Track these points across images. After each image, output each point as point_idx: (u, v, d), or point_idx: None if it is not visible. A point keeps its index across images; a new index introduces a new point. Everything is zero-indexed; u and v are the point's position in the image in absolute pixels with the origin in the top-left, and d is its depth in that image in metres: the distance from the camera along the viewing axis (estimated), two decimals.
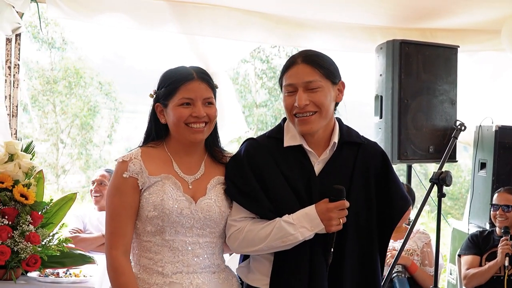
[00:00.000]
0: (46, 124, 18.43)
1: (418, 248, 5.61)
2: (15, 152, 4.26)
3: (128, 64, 24.15)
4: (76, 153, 19.04)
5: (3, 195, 4.12)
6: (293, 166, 3.19)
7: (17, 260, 4.01)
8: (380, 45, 6.02)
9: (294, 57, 3.16)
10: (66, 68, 18.68)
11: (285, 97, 3.17)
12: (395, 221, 3.32)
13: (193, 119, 3.15)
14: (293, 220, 3.07)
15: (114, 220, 3.17)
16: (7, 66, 5.73)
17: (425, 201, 4.56)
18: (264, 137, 3.33)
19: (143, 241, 3.21)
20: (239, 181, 3.20)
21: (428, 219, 15.27)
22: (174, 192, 3.15)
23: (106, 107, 19.48)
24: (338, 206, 3.04)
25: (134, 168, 3.15)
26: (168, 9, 5.88)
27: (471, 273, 5.66)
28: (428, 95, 5.91)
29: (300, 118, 3.14)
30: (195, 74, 3.19)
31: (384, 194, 3.27)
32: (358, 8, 6.07)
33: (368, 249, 3.25)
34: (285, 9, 6.17)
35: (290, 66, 3.15)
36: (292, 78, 3.13)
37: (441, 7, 6.07)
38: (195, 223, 3.17)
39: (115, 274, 3.14)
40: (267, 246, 3.12)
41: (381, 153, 3.35)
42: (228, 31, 6.12)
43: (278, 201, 3.14)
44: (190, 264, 3.17)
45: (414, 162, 6.11)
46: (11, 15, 5.44)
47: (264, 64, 19.44)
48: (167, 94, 3.18)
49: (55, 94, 18.54)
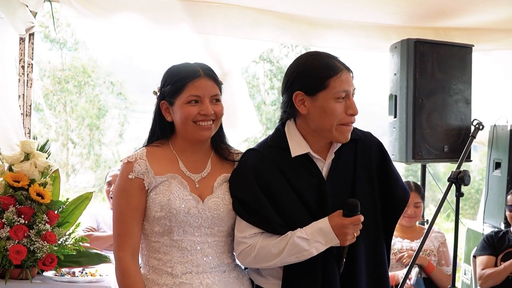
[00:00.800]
0: (56, 123, 18.46)
1: (434, 248, 5.60)
2: (31, 151, 4.25)
3: (136, 64, 24.25)
4: (85, 152, 19.07)
5: (19, 194, 4.12)
6: (301, 175, 3.14)
7: (33, 259, 4.00)
8: (394, 44, 6.00)
9: (337, 60, 3.09)
10: (76, 68, 18.71)
11: (335, 105, 3.03)
12: (398, 212, 3.31)
13: (201, 117, 3.12)
14: (307, 235, 3.03)
15: (121, 222, 3.16)
16: (20, 66, 5.72)
17: (443, 201, 4.52)
18: (267, 147, 3.24)
19: (151, 242, 3.19)
20: (247, 197, 3.13)
21: (441, 220, 15.24)
22: (180, 192, 3.13)
23: (116, 107, 19.50)
24: (353, 221, 3.00)
25: (140, 168, 3.13)
26: (181, 8, 5.86)
27: (487, 274, 5.64)
28: (442, 94, 5.89)
29: (346, 126, 3.09)
30: (201, 71, 3.16)
31: (384, 186, 3.24)
32: (372, 7, 6.04)
33: (377, 245, 3.25)
34: (298, 8, 6.15)
35: (340, 70, 3.04)
36: (344, 84, 3.04)
37: (456, 6, 6.04)
38: (203, 222, 3.14)
39: (122, 276, 3.14)
40: (281, 261, 3.09)
41: (377, 144, 3.31)
42: (241, 30, 6.10)
43: (288, 215, 3.09)
44: (200, 264, 3.15)
45: (429, 162, 6.08)
46: (24, 15, 5.43)
47: (273, 65, 19.44)
48: (174, 91, 3.14)
49: (65, 93, 18.56)
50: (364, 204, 3.07)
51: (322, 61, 3.09)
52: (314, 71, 3.06)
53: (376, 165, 3.25)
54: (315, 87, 3.04)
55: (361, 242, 3.15)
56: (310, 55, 3.18)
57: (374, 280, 3.23)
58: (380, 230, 3.25)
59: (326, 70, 3.04)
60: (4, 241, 3.95)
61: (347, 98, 3.06)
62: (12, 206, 4.07)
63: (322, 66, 3.06)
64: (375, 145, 3.29)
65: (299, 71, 3.12)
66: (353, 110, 3.06)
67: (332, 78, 3.02)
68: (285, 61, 19.32)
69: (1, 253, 3.94)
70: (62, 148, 18.71)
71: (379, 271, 3.25)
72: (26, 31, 5.62)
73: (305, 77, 3.08)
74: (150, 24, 6.08)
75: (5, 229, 3.99)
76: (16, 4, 5.24)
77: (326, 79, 3.02)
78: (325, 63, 3.07)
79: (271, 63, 19.37)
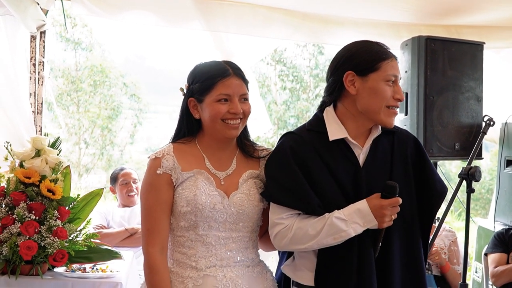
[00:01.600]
0: (69, 123, 18.52)
1: (445, 246, 5.60)
2: (42, 147, 4.27)
3: (148, 64, 24.22)
4: (98, 153, 19.12)
5: (30, 190, 4.14)
6: (338, 159, 3.16)
7: (44, 255, 4.02)
8: (405, 42, 5.98)
9: (387, 48, 3.18)
10: (91, 67, 18.77)
11: (385, 87, 3.11)
12: (436, 206, 3.32)
13: (230, 115, 3.14)
14: (345, 216, 3.04)
15: (150, 217, 3.18)
16: (31, 64, 5.75)
17: (454, 197, 4.53)
18: (305, 130, 3.26)
19: (176, 236, 3.22)
20: (285, 177, 3.14)
21: (452, 218, 15.20)
22: (206, 187, 3.15)
23: (129, 108, 19.54)
24: (392, 203, 3.02)
25: (167, 164, 3.16)
26: (193, 6, 5.87)
27: (500, 271, 5.62)
28: (454, 92, 5.86)
29: (393, 110, 3.16)
30: (231, 70, 3.18)
31: (422, 180, 3.26)
32: (383, 4, 6.04)
33: (413, 238, 3.25)
34: (310, 5, 6.15)
35: (391, 56, 3.14)
36: (394, 69, 3.13)
37: (467, 3, 6.03)
38: (228, 218, 3.17)
39: (150, 272, 3.16)
40: (318, 243, 3.08)
41: (413, 140, 3.35)
42: (253, 28, 6.11)
43: (325, 196, 3.10)
44: (224, 258, 3.17)
45: (440, 159, 6.05)
46: (35, 12, 5.46)
47: (284, 65, 19.45)
48: (203, 89, 3.16)
49: (79, 93, 18.63)
50: (400, 193, 3.10)
51: (374, 46, 3.18)
52: (367, 53, 3.14)
53: (412, 159, 3.28)
54: (368, 68, 3.11)
55: (395, 231, 3.16)
56: (362, 41, 3.25)
57: (409, 271, 3.23)
58: (415, 223, 3.26)
59: (379, 54, 3.13)
60: (15, 237, 3.97)
61: (395, 83, 3.13)
62: (23, 202, 4.09)
63: (374, 50, 3.15)
64: (411, 140, 3.34)
65: (351, 53, 3.18)
66: (400, 95, 3.13)
67: (384, 61, 3.10)
68: (297, 61, 19.30)
69: (12, 249, 3.96)
70: (75, 147, 18.76)
71: (414, 264, 3.25)
72: (37, 29, 5.64)
73: (357, 58, 3.14)
74: (161, 23, 6.10)
75: (16, 225, 4.01)
76: (27, 2, 5.27)
77: (378, 62, 3.11)
78: (377, 48, 3.16)
79: (283, 63, 19.37)
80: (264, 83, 19.28)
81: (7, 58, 5.59)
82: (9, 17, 5.53)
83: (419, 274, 3.26)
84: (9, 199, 4.12)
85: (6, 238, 3.98)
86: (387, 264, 3.16)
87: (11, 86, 5.58)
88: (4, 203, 4.12)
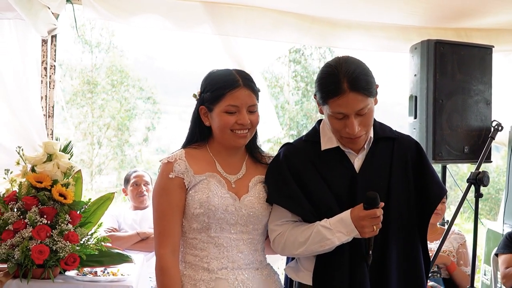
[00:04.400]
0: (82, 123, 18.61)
1: (454, 249, 5.61)
2: (54, 152, 4.29)
3: (158, 65, 24.26)
4: (111, 153, 19.19)
5: (42, 195, 4.16)
6: (333, 166, 3.22)
7: (55, 259, 4.04)
8: (414, 45, 6.00)
9: (340, 82, 3.03)
10: (107, 69, 18.87)
11: (333, 120, 3.12)
12: (432, 208, 3.33)
13: (238, 126, 3.20)
14: (330, 225, 3.10)
15: (162, 219, 3.25)
16: (43, 67, 5.78)
17: (462, 201, 4.54)
18: (301, 141, 3.37)
19: (188, 239, 3.28)
20: (280, 184, 3.23)
21: (461, 220, 15.20)
22: (219, 190, 3.23)
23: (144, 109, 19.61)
24: (370, 214, 3.03)
25: (180, 168, 3.22)
26: (203, 10, 5.89)
27: (511, 272, 5.61)
28: (463, 95, 5.88)
29: (349, 139, 3.14)
30: (241, 81, 3.23)
31: (420, 183, 3.29)
32: (392, 8, 6.05)
33: (411, 242, 3.28)
34: (319, 9, 6.16)
35: (337, 95, 3.04)
36: (342, 108, 3.05)
37: (476, 6, 6.04)
38: (239, 220, 3.24)
39: (160, 274, 3.21)
40: (307, 250, 3.17)
41: (415, 144, 3.38)
42: (262, 32, 6.12)
43: (318, 204, 3.17)
44: (235, 260, 3.24)
45: (449, 163, 6.06)
46: (46, 16, 5.48)
47: (298, 64, 19.45)
48: (213, 99, 3.23)
49: (93, 94, 18.71)
50: (398, 200, 3.18)
51: (326, 78, 3.13)
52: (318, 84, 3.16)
53: (412, 161, 3.30)
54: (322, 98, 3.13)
55: (392, 237, 3.20)
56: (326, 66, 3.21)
57: (408, 276, 3.25)
58: (414, 227, 3.29)
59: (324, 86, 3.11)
60: (27, 241, 3.99)
61: (347, 118, 3.10)
62: (35, 206, 4.11)
63: (325, 82, 3.12)
64: (413, 145, 3.37)
65: (316, 80, 3.21)
66: (351, 130, 3.12)
67: (331, 99, 3.07)
68: (310, 61, 19.31)
69: (23, 253, 3.97)
70: (89, 147, 18.84)
71: (414, 269, 3.28)
72: (48, 33, 5.67)
73: (317, 87, 3.17)
74: (171, 26, 6.11)
75: (27, 229, 4.03)
76: (38, 6, 5.29)
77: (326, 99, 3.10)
78: (325, 80, 3.12)
79: (297, 63, 19.36)
80: (277, 83, 19.31)
81: (18, 62, 5.62)
82: (20, 21, 5.56)
83: (417, 279, 3.29)
84: (21, 204, 4.14)
85: (18, 242, 4.00)
86: (384, 270, 3.20)
87: (22, 90, 5.61)
88: (16, 207, 4.14)
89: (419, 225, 3.31)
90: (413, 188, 3.27)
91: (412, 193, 3.26)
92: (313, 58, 19.14)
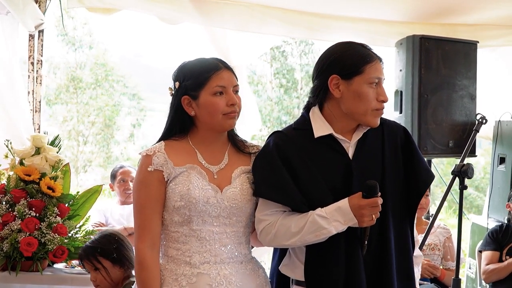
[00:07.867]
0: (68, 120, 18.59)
1: (440, 242, 5.65)
2: (42, 145, 4.32)
3: (144, 63, 24.23)
4: (96, 150, 19.17)
5: (30, 188, 4.19)
6: (325, 155, 3.18)
7: (44, 251, 4.06)
8: (400, 41, 6.03)
9: (370, 50, 3.18)
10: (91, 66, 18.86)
11: (367, 90, 3.12)
12: (420, 194, 3.32)
13: (229, 108, 3.16)
14: (326, 214, 3.05)
15: (141, 213, 3.20)
16: (30, 62, 5.78)
17: (447, 193, 4.59)
18: (291, 129, 3.29)
19: (170, 232, 3.22)
20: (269, 174, 3.17)
21: (446, 215, 15.23)
22: (200, 182, 3.16)
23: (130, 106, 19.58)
24: (370, 203, 3.01)
25: (158, 161, 3.16)
26: (190, 5, 5.89)
27: (490, 269, 5.67)
28: (448, 90, 5.90)
29: (378, 111, 3.17)
30: (221, 64, 3.21)
31: (408, 167, 3.28)
32: (378, 3, 6.08)
33: (403, 227, 3.27)
34: (306, 4, 6.19)
35: (373, 59, 3.13)
36: (378, 72, 3.12)
37: (461, 2, 6.07)
38: (222, 212, 3.18)
39: (139, 269, 3.17)
40: (300, 240, 3.11)
41: (402, 129, 3.36)
42: (249, 25, 6.13)
43: (310, 194, 3.12)
44: (218, 254, 3.18)
45: (434, 157, 6.10)
46: (34, 11, 5.49)
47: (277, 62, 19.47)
48: (198, 85, 3.17)
49: (78, 90, 18.68)
50: (393, 185, 3.17)
51: (358, 49, 3.18)
52: (351, 57, 3.14)
53: (402, 147, 3.29)
54: (352, 71, 3.12)
55: (390, 224, 3.19)
56: (346, 43, 3.25)
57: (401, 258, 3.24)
58: (405, 211, 3.28)
59: (363, 57, 3.13)
60: (16, 233, 4.02)
61: (378, 86, 3.15)
62: (23, 199, 4.14)
63: (359, 53, 3.15)
64: (401, 130, 3.35)
65: (336, 57, 3.18)
66: (383, 96, 3.15)
67: (368, 64, 3.11)
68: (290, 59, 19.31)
69: (12, 245, 4.00)
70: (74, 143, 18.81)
71: (405, 251, 3.27)
72: (35, 28, 5.67)
73: (342, 62, 3.15)
74: (158, 20, 6.12)
75: (16, 222, 4.06)
76: (25, 0, 5.29)
77: (362, 65, 3.11)
78: (361, 51, 3.17)
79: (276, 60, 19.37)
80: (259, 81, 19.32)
81: (5, 57, 5.61)
82: (6, 16, 5.56)
83: (408, 262, 3.28)
84: (10, 196, 4.16)
85: (6, 234, 4.03)
86: (384, 260, 3.18)
87: (10, 85, 5.60)
88: (5, 200, 4.17)
89: (408, 210, 3.30)
90: (403, 171, 3.27)
91: (402, 177, 3.26)
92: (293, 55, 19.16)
